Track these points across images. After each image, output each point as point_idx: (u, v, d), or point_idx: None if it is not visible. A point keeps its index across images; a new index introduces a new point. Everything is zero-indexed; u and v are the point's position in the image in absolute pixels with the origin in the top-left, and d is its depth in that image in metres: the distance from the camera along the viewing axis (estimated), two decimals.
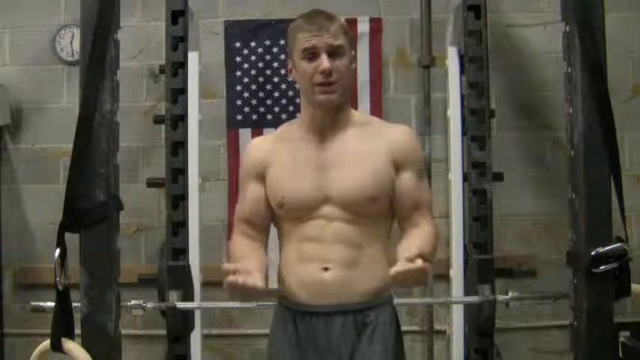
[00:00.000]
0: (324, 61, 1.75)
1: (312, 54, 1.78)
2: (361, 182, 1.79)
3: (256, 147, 1.96)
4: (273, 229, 1.98)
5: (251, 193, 1.91)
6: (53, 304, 2.07)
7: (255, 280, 1.63)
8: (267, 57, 3.53)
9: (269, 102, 3.53)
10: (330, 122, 1.84)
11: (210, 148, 3.48)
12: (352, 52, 1.86)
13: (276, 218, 1.91)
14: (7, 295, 3.56)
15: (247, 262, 1.73)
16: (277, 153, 1.88)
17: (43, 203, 3.50)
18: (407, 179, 1.84)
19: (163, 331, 2.83)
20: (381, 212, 1.85)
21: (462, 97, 3.10)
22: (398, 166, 1.84)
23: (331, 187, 1.80)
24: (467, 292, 2.92)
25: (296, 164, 1.84)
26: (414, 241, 1.75)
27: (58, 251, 2.02)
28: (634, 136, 3.42)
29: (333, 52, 1.77)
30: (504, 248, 3.38)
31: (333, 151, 1.83)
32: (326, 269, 1.79)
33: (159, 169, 3.12)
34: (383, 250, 1.86)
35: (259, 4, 3.58)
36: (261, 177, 1.89)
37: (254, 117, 3.53)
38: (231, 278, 1.62)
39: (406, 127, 1.94)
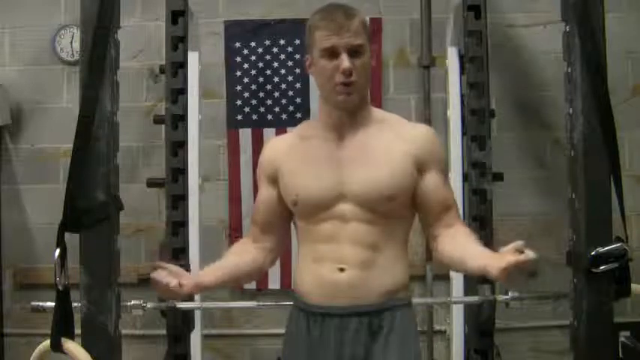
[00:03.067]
0: (345, 61, 1.70)
1: (332, 52, 1.73)
2: (377, 180, 1.74)
3: (270, 148, 1.93)
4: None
5: (262, 195, 1.89)
6: (53, 304, 2.07)
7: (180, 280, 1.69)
8: (267, 57, 3.53)
9: (269, 102, 3.53)
10: (347, 120, 1.80)
11: (210, 148, 3.48)
12: (372, 47, 1.81)
13: (294, 219, 1.88)
14: (7, 295, 3.56)
15: (209, 268, 1.82)
16: (293, 151, 1.85)
17: (43, 203, 3.50)
18: (433, 180, 1.79)
19: (163, 331, 2.83)
20: (400, 212, 1.79)
21: (462, 97, 3.10)
22: (421, 167, 1.78)
23: (346, 185, 1.76)
24: (467, 292, 2.92)
25: (311, 162, 1.80)
26: (477, 246, 1.74)
27: (58, 251, 2.02)
28: (634, 136, 3.42)
29: (354, 51, 1.72)
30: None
31: (349, 149, 1.79)
32: (341, 270, 1.74)
33: (159, 169, 3.12)
34: (401, 251, 1.82)
35: (259, 4, 3.58)
36: (274, 178, 1.86)
37: (254, 117, 3.53)
38: (154, 275, 1.68)
39: (428, 127, 1.91)
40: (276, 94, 3.54)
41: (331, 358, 1.75)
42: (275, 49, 3.52)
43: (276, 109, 3.53)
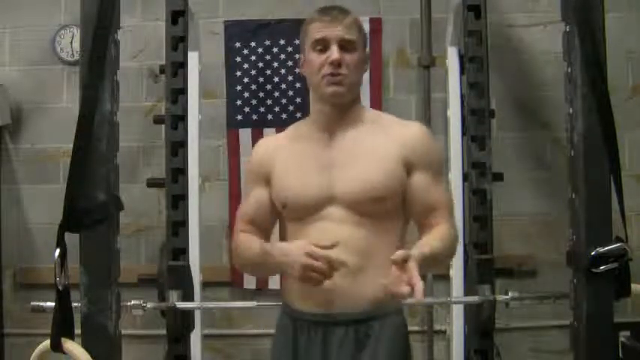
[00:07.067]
0: (334, 52, 1.71)
1: (323, 45, 1.73)
2: (366, 181, 1.71)
3: (261, 148, 1.91)
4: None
5: (254, 196, 1.86)
6: (53, 304, 2.07)
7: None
8: (267, 57, 3.53)
9: (269, 102, 3.53)
10: (338, 119, 1.78)
11: (210, 148, 3.48)
12: (366, 51, 1.82)
13: (281, 220, 1.85)
14: (7, 295, 3.56)
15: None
16: (283, 152, 1.83)
17: (43, 203, 3.50)
18: (419, 181, 1.75)
19: (163, 331, 2.83)
20: (390, 214, 1.75)
21: (462, 97, 3.10)
22: (410, 167, 1.75)
23: (336, 187, 1.73)
24: (467, 292, 2.91)
25: (301, 163, 1.79)
26: (424, 240, 1.69)
27: (58, 251, 2.02)
28: (634, 136, 3.42)
29: (345, 46, 1.73)
30: (504, 248, 3.38)
31: (340, 150, 1.77)
32: None
33: (159, 169, 3.12)
34: None
35: (259, 4, 3.58)
36: (266, 179, 1.84)
37: (254, 117, 3.53)
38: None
39: (419, 125, 1.87)
40: (276, 94, 3.54)
41: None
42: (275, 49, 3.53)
43: (276, 109, 3.53)
